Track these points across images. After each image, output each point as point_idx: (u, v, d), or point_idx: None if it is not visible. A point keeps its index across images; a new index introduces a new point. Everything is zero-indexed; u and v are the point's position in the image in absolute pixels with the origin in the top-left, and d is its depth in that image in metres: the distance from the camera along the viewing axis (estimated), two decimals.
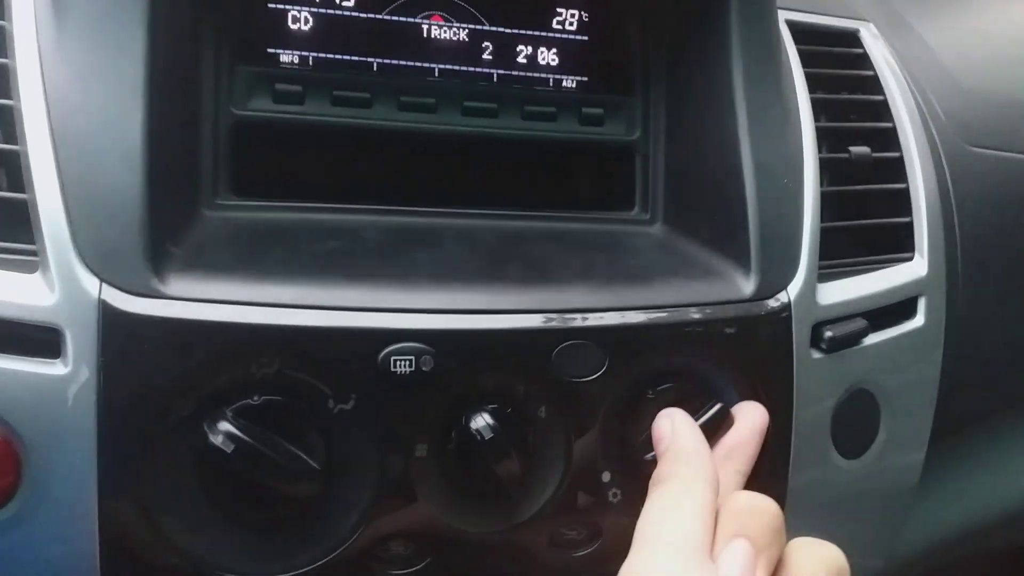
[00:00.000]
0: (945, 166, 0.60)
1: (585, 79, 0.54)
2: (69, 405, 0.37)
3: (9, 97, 0.40)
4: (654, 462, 0.42)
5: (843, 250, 0.53)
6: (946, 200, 0.59)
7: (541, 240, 0.50)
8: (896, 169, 0.57)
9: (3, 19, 0.41)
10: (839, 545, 0.54)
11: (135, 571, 0.39)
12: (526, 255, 0.48)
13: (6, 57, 0.41)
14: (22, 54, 0.40)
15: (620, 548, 0.45)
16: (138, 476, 0.38)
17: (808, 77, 0.56)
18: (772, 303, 0.47)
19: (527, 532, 0.43)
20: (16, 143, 0.40)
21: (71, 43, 0.40)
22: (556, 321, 0.42)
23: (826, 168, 0.53)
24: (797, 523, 0.50)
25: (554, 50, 0.53)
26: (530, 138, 0.52)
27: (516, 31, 0.52)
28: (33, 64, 0.40)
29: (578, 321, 0.43)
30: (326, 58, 0.49)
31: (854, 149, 0.55)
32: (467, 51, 0.52)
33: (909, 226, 0.56)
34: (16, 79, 0.40)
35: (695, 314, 0.45)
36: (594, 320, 0.43)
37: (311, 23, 0.49)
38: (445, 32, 0.51)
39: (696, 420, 0.43)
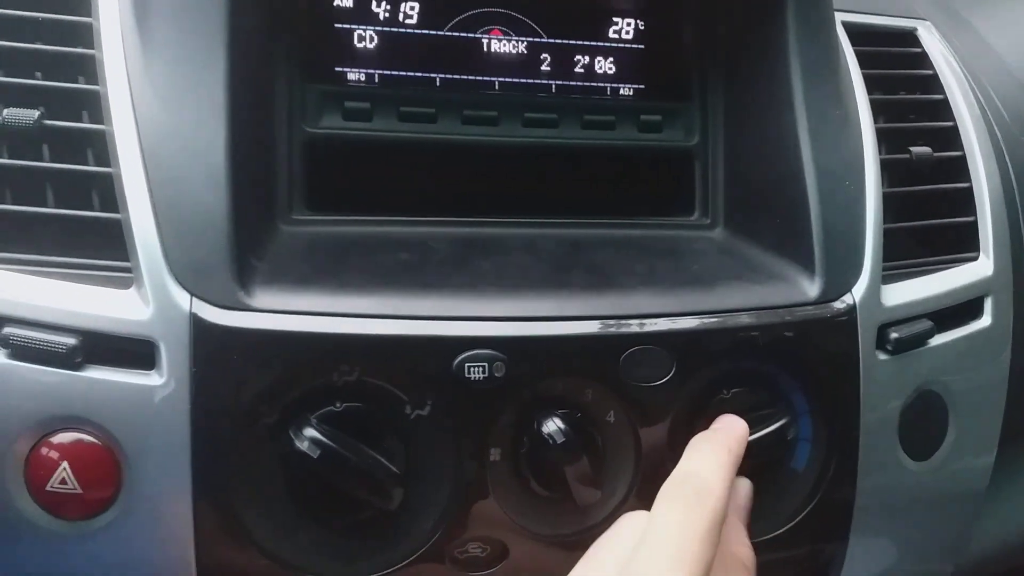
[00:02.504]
0: (1008, 163, 0.60)
1: (642, 87, 0.55)
2: (164, 414, 0.39)
3: (101, 122, 0.43)
4: None
5: (907, 251, 0.52)
6: (1010, 198, 0.58)
7: (603, 247, 0.51)
8: (959, 168, 0.57)
9: (93, 48, 0.44)
10: (908, 549, 0.54)
11: (229, 574, 0.40)
12: (589, 262, 0.49)
13: (97, 84, 0.43)
14: (112, 80, 0.43)
15: None
16: (229, 482, 0.40)
17: (866, 78, 0.55)
18: (837, 305, 0.47)
19: (599, 534, 0.44)
20: (107, 165, 0.42)
21: (157, 68, 0.43)
22: (623, 327, 0.43)
23: (887, 169, 0.53)
24: (866, 526, 0.50)
25: (611, 59, 0.54)
26: (590, 147, 0.53)
27: (573, 42, 0.53)
28: (123, 90, 0.42)
29: (645, 326, 0.43)
30: (391, 75, 0.51)
31: (915, 149, 0.55)
32: (526, 63, 0.53)
33: (973, 225, 0.56)
34: (108, 104, 0.42)
35: (761, 318, 0.45)
36: (661, 325, 0.44)
37: (376, 41, 0.50)
38: (504, 46, 0.53)
39: (757, 431, 0.44)
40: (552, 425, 0.41)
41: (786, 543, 0.48)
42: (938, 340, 0.51)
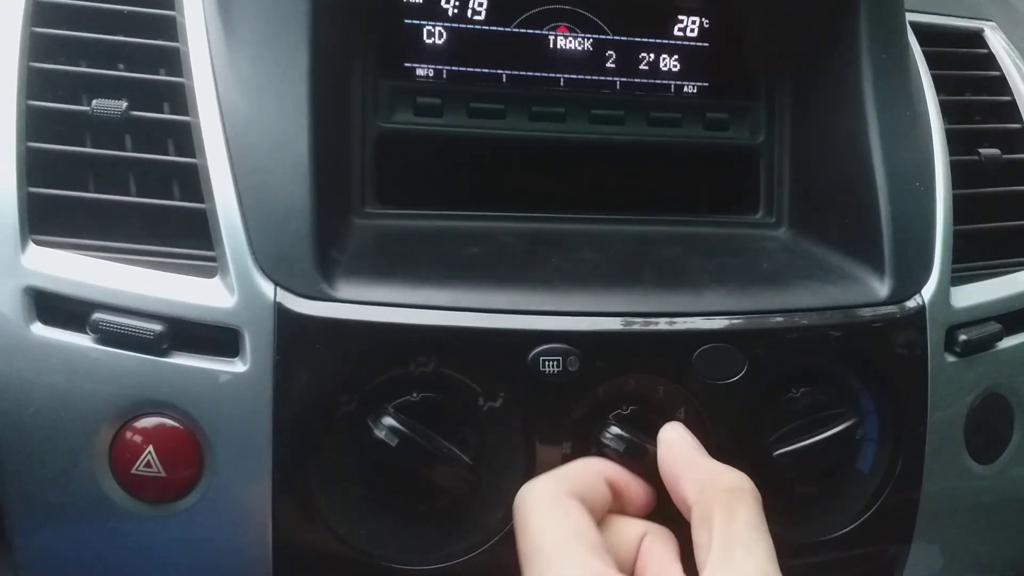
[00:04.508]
0: None
1: (707, 84, 0.55)
2: (246, 401, 0.40)
3: (185, 113, 0.43)
4: (787, 460, 0.43)
5: (976, 253, 0.52)
6: None
7: (670, 244, 0.51)
8: None
9: (178, 41, 0.45)
10: (969, 555, 0.53)
11: (303, 559, 0.41)
12: (658, 259, 0.49)
13: (180, 76, 0.44)
14: (198, 73, 0.43)
15: None
16: (308, 468, 0.40)
17: (934, 79, 0.55)
18: (908, 305, 0.47)
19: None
20: (189, 156, 0.43)
21: (241, 62, 0.43)
22: (696, 324, 0.43)
23: (956, 171, 0.53)
24: (929, 529, 0.50)
25: (676, 57, 0.54)
26: (656, 144, 0.53)
27: (638, 39, 0.54)
28: (208, 83, 0.43)
29: (718, 324, 0.43)
30: (459, 71, 0.51)
31: (984, 151, 0.55)
32: (591, 60, 0.53)
33: None
34: (193, 97, 0.43)
35: (834, 317, 0.45)
36: (734, 323, 0.44)
37: (445, 37, 0.51)
38: (571, 42, 0.53)
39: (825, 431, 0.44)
40: (609, 435, 0.41)
41: (849, 543, 0.48)
42: (1006, 343, 0.51)
